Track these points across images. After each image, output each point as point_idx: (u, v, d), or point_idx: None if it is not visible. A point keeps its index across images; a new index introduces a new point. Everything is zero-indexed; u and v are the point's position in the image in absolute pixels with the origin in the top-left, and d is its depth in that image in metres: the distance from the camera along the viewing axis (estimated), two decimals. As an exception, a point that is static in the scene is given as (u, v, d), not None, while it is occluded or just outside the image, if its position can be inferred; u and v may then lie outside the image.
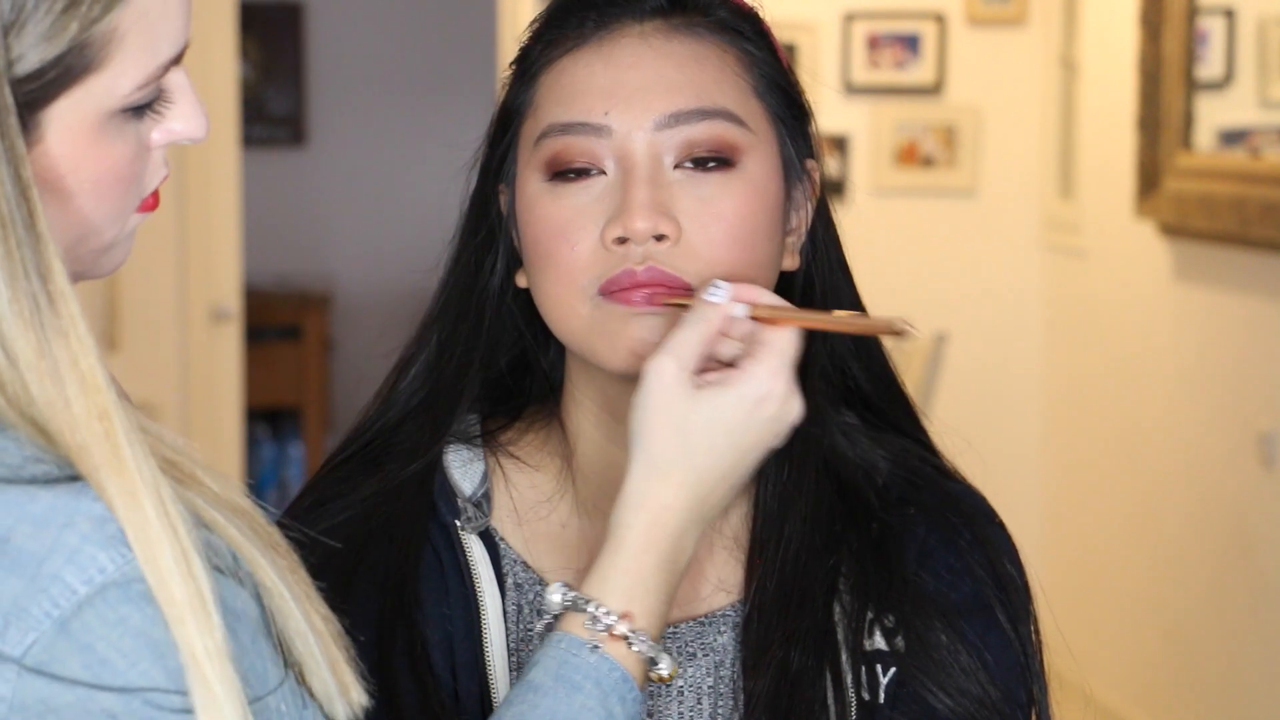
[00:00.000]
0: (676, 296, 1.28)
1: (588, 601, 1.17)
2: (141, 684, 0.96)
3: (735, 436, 1.20)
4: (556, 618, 1.19)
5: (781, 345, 1.21)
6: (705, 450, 1.19)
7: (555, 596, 1.19)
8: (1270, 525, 4.28)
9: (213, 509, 1.01)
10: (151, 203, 1.07)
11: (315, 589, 1.05)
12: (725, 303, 1.22)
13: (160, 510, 0.97)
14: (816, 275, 1.38)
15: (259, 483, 6.96)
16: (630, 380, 1.28)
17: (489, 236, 1.39)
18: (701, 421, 1.19)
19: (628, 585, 1.18)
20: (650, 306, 1.28)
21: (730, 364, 1.23)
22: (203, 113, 1.06)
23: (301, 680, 1.03)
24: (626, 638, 1.16)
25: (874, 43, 5.75)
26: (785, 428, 1.22)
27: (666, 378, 1.20)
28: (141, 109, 1.03)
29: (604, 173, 1.30)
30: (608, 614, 1.17)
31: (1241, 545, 4.42)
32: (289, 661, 1.03)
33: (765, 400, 1.20)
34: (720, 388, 1.20)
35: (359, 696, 1.06)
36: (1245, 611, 4.40)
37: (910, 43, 5.74)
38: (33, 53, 0.98)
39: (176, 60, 1.04)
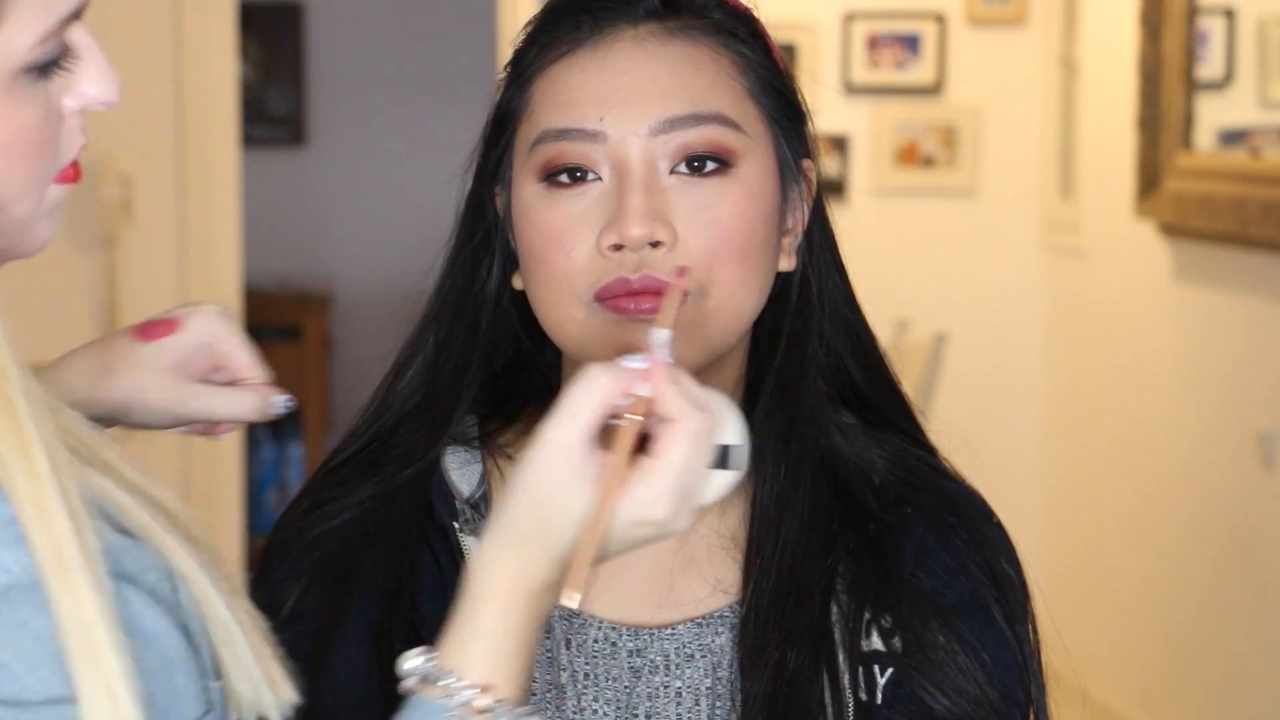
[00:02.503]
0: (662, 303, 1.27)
1: (446, 674, 1.07)
2: (39, 695, 0.92)
3: (603, 542, 1.09)
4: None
5: (677, 466, 1.09)
6: (566, 539, 1.09)
7: (409, 665, 1.09)
8: (1270, 525, 4.28)
9: (124, 492, 0.98)
10: (72, 174, 1.04)
11: (242, 585, 1.02)
12: (630, 369, 1.10)
13: (58, 492, 0.93)
14: (812, 276, 1.38)
15: (259, 483, 6.96)
16: None
17: (485, 239, 1.39)
18: (574, 514, 1.09)
19: (488, 650, 1.08)
20: (644, 315, 1.28)
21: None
22: (114, 75, 1.03)
23: (227, 699, 0.99)
24: (491, 710, 1.07)
25: (874, 43, 5.75)
26: (661, 538, 1.12)
27: (555, 457, 1.09)
28: (47, 68, 1.01)
29: (599, 178, 1.30)
30: (468, 687, 1.07)
31: (1241, 545, 4.42)
32: (216, 676, 0.98)
33: (642, 524, 1.10)
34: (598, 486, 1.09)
35: (288, 694, 1.02)
36: (1245, 611, 4.40)
37: (910, 43, 5.74)
38: None
39: (77, 15, 1.01)
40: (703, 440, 1.10)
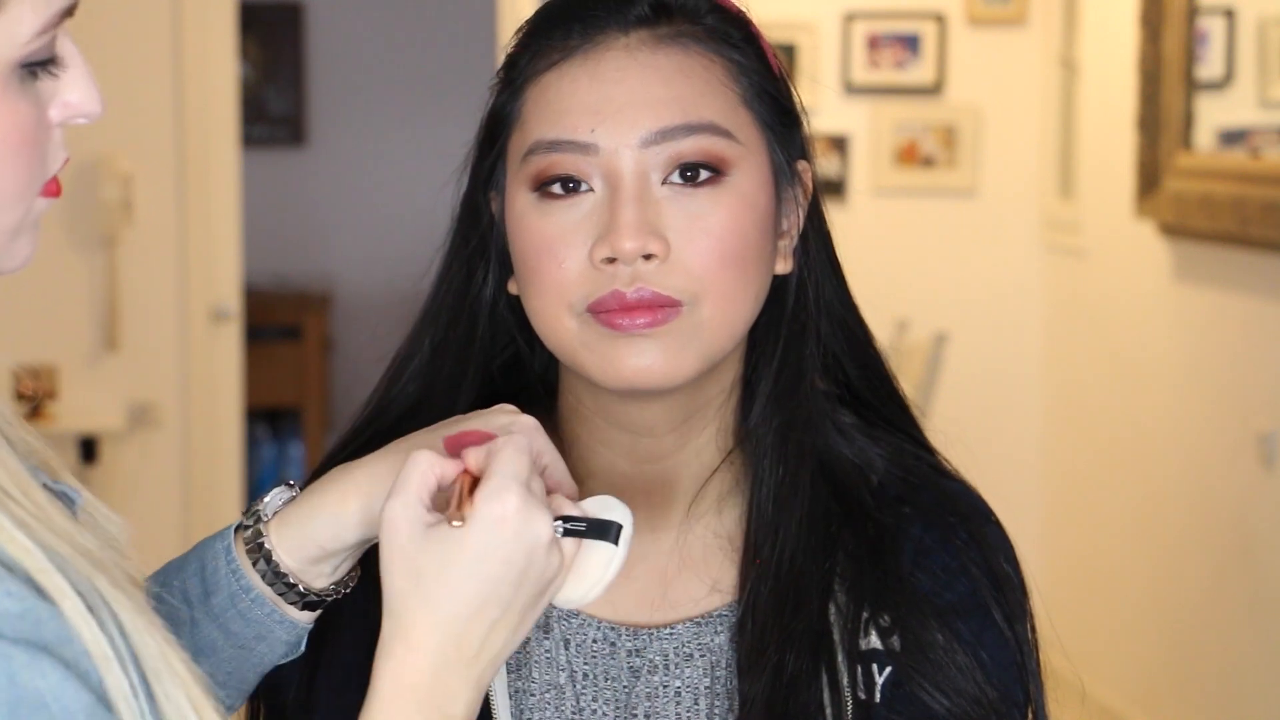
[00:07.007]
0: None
1: None
2: None
3: (475, 567, 1.11)
4: None
5: (502, 465, 1.13)
6: (442, 590, 1.11)
7: None
8: (1270, 525, 4.29)
9: (42, 552, 0.96)
10: (54, 188, 1.04)
11: (174, 640, 1.00)
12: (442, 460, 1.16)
13: None
14: (809, 278, 1.38)
15: (259, 483, 6.96)
16: (625, 394, 1.29)
17: (480, 244, 1.39)
18: (434, 563, 1.11)
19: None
20: (638, 330, 1.27)
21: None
22: (97, 87, 1.04)
23: None
24: None
25: (874, 43, 5.75)
26: (533, 545, 1.12)
27: (397, 525, 1.13)
28: (38, 70, 1.01)
29: (591, 190, 1.29)
30: None
31: (1241, 545, 4.42)
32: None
33: (498, 523, 1.11)
34: (446, 525, 1.13)
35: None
36: (1245, 611, 4.40)
37: (910, 43, 5.75)
38: None
39: (70, 11, 1.01)
40: (520, 445, 1.14)
